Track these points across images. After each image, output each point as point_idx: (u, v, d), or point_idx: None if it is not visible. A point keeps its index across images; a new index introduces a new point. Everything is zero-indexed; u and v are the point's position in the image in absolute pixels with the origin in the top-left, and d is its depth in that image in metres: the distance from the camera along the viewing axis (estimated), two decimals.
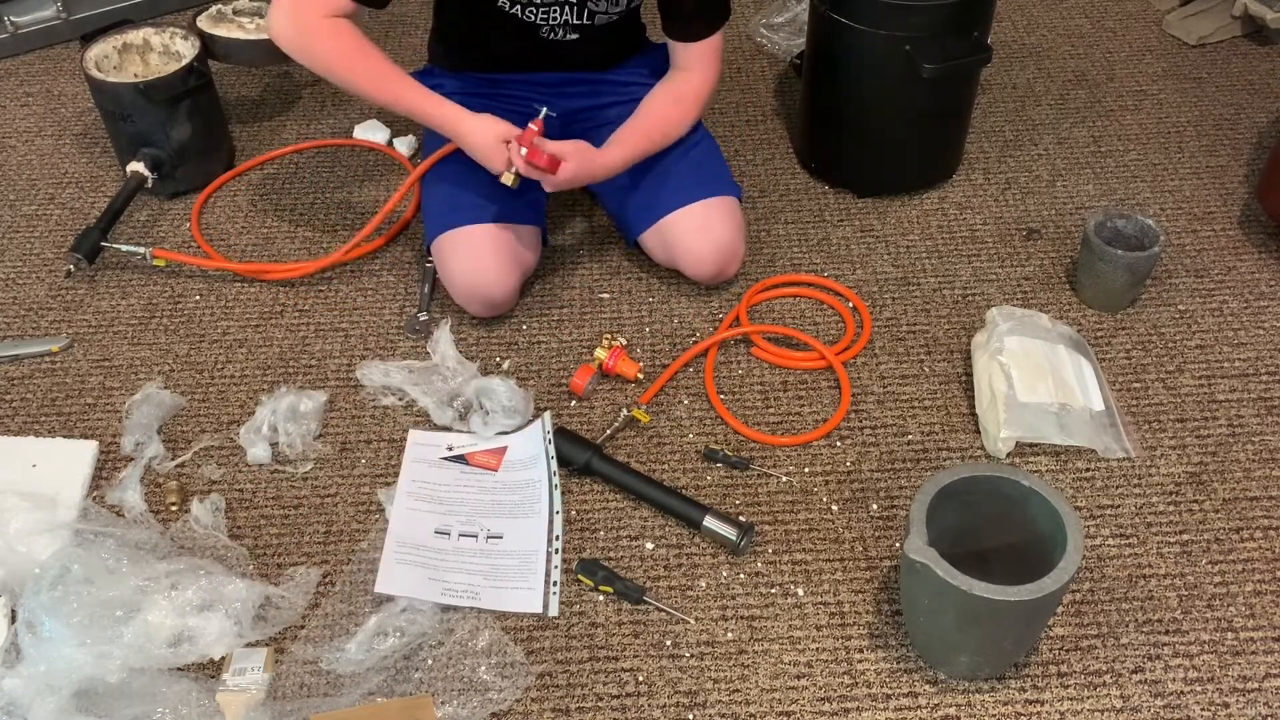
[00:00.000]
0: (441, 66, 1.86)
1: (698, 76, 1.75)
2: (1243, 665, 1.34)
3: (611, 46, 1.82)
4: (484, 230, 1.69)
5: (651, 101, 1.75)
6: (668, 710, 1.31)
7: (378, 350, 1.74)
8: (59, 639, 1.26)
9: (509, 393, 1.60)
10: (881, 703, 1.31)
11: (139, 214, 1.99)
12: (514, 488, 1.53)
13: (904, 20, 1.77)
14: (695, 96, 1.76)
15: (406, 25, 2.47)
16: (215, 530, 1.47)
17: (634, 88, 1.80)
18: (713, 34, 1.71)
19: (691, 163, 1.78)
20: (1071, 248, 1.89)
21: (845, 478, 1.55)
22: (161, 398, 1.64)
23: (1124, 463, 1.56)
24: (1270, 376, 1.67)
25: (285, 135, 2.18)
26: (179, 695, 1.28)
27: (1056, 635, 1.37)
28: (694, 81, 1.75)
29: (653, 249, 1.81)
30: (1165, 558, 1.45)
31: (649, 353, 1.73)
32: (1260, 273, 1.84)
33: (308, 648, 1.36)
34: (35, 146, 2.16)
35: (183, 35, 2.02)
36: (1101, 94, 2.24)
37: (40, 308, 1.83)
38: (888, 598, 1.41)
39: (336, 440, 1.61)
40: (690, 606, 1.41)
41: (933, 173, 2.03)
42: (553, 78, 1.82)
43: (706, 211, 1.74)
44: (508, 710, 1.31)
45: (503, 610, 1.40)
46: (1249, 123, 2.15)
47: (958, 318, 1.78)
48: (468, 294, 1.71)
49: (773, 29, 2.38)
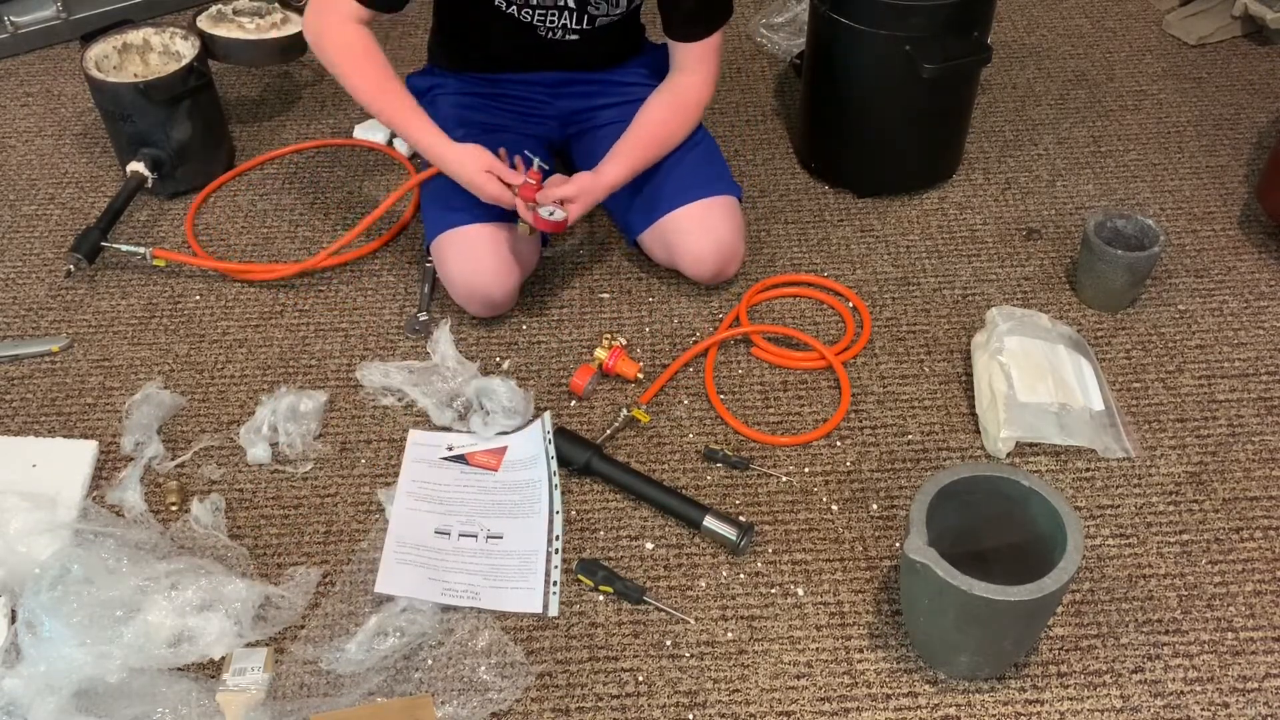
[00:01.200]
0: (441, 66, 1.86)
1: (697, 79, 1.75)
2: (1243, 665, 1.34)
3: (611, 47, 1.82)
4: (483, 230, 1.69)
5: (649, 110, 1.74)
6: (668, 710, 1.31)
7: (378, 350, 1.74)
8: (59, 639, 1.26)
9: (509, 393, 1.60)
10: (881, 703, 1.31)
11: (139, 214, 1.99)
12: (514, 488, 1.53)
13: (904, 20, 1.77)
14: (694, 103, 1.76)
15: (407, 25, 2.47)
16: (215, 530, 1.47)
17: (634, 88, 1.80)
18: (712, 34, 1.71)
19: (692, 162, 1.78)
20: (1071, 248, 1.89)
21: (845, 478, 1.55)
22: (161, 398, 1.64)
23: (1124, 463, 1.56)
24: (1270, 376, 1.67)
25: (285, 135, 2.18)
26: (179, 695, 1.28)
27: (1056, 635, 1.37)
28: (693, 86, 1.75)
29: (653, 248, 1.81)
30: (1165, 558, 1.45)
31: (649, 353, 1.73)
32: (1260, 273, 1.84)
33: (308, 648, 1.36)
34: (35, 146, 2.16)
35: (183, 35, 2.02)
36: (1101, 94, 2.24)
37: (40, 308, 1.83)
38: (888, 598, 1.41)
39: (336, 440, 1.61)
40: (690, 606, 1.41)
41: (933, 173, 2.03)
42: (551, 77, 1.82)
43: (707, 211, 1.74)
44: (508, 710, 1.31)
45: (503, 610, 1.40)
46: (1249, 123, 2.15)
47: (958, 318, 1.78)
48: (467, 293, 1.71)
49: (773, 29, 2.38)
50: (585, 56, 1.79)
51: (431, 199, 1.77)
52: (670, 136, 1.75)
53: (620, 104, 1.79)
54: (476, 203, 1.69)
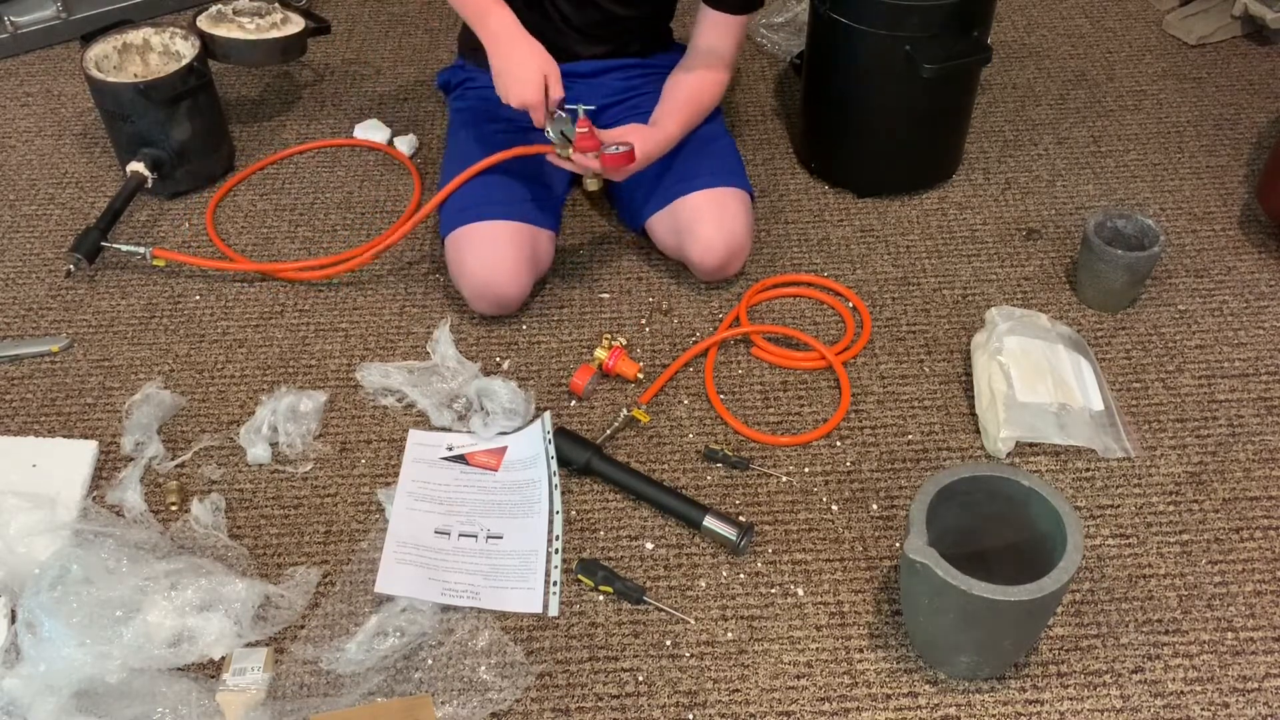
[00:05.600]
0: (471, 60, 1.86)
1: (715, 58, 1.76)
2: (1243, 665, 1.34)
3: (641, 41, 1.83)
4: (505, 226, 1.68)
5: (680, 79, 1.76)
6: (668, 710, 1.31)
7: (378, 350, 1.74)
8: (59, 639, 1.26)
9: (509, 394, 1.60)
10: (881, 703, 1.31)
11: (139, 214, 1.99)
12: (514, 488, 1.53)
13: (904, 20, 1.77)
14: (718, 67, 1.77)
15: (407, 25, 2.47)
16: (215, 530, 1.47)
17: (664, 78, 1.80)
18: (744, 13, 1.73)
19: (711, 153, 1.78)
20: (1071, 248, 1.89)
21: (845, 478, 1.55)
22: (161, 398, 1.64)
23: (1124, 463, 1.56)
24: (1270, 376, 1.67)
25: (285, 135, 2.18)
26: (179, 695, 1.28)
27: (1056, 635, 1.37)
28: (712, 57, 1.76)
29: (661, 234, 1.80)
30: (1165, 558, 1.45)
31: (649, 353, 1.73)
32: (1260, 273, 1.84)
33: (308, 648, 1.36)
34: (35, 146, 2.16)
35: (183, 35, 2.02)
36: (1101, 94, 2.24)
37: (40, 308, 1.83)
38: (888, 598, 1.41)
39: (336, 440, 1.61)
40: (690, 606, 1.41)
41: (933, 173, 2.03)
42: (582, 67, 1.82)
43: (722, 200, 1.73)
44: (508, 710, 1.31)
45: (503, 610, 1.40)
46: (1249, 123, 2.15)
47: (958, 318, 1.78)
48: (479, 290, 1.70)
49: (773, 29, 2.38)
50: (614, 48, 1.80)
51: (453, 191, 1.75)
52: (708, 94, 1.77)
53: (650, 94, 1.80)
54: (501, 199, 1.68)
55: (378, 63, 2.37)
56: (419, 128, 2.17)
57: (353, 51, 2.40)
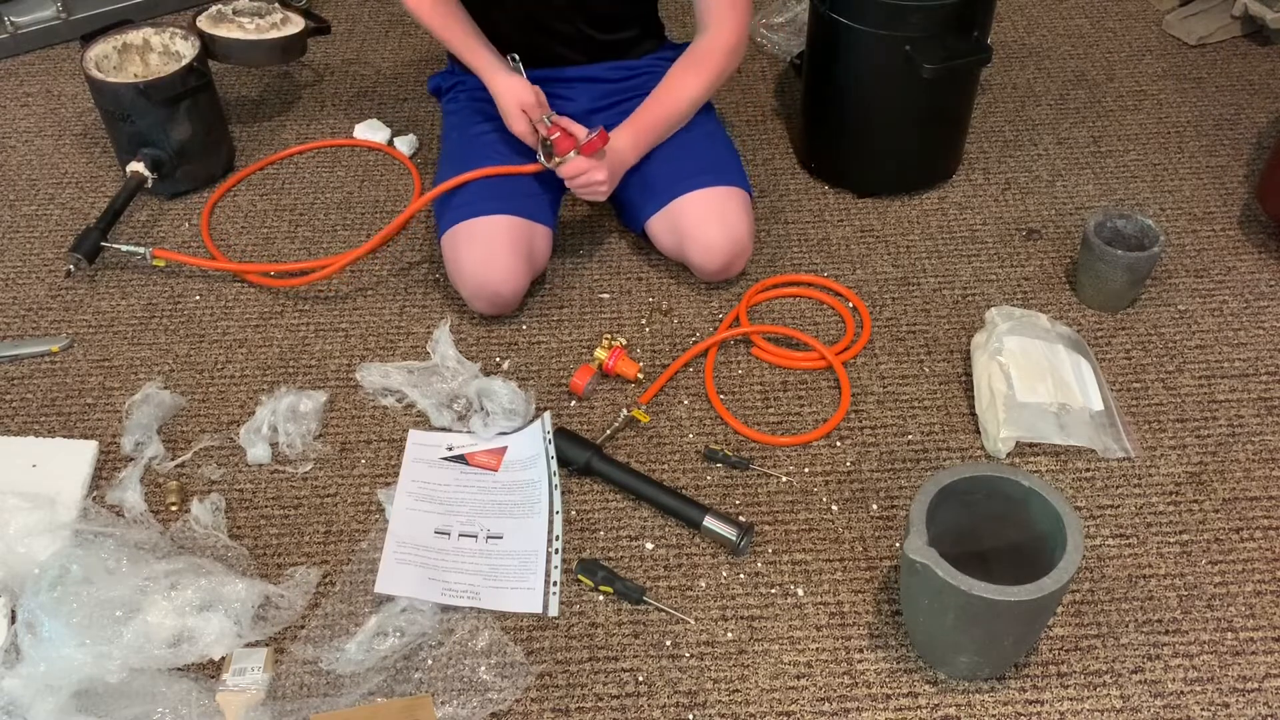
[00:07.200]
0: (460, 65, 1.87)
1: (721, 35, 1.74)
2: (1243, 665, 1.34)
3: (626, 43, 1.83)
4: (501, 222, 1.68)
5: (668, 77, 1.76)
6: (668, 710, 1.31)
7: (378, 350, 1.74)
8: (59, 639, 1.26)
9: (509, 394, 1.60)
10: (881, 703, 1.31)
11: (139, 214, 1.99)
12: (514, 488, 1.53)
13: (904, 20, 1.77)
14: (717, 58, 1.74)
15: (407, 25, 2.47)
16: (215, 530, 1.47)
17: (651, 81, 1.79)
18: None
19: (711, 152, 1.78)
20: (1071, 248, 1.89)
21: (845, 478, 1.55)
22: (161, 398, 1.64)
23: (1124, 463, 1.56)
24: (1270, 376, 1.67)
25: (285, 135, 2.18)
26: (179, 695, 1.28)
27: (1056, 635, 1.37)
28: (716, 41, 1.74)
29: (661, 235, 1.79)
30: (1165, 558, 1.45)
31: (649, 353, 1.73)
32: (1260, 273, 1.84)
33: (308, 648, 1.36)
34: (35, 146, 2.16)
35: (183, 35, 2.02)
36: (1101, 94, 2.24)
37: (40, 308, 1.83)
38: (888, 598, 1.41)
39: (336, 440, 1.61)
40: (690, 606, 1.41)
41: (933, 173, 2.03)
42: (569, 72, 1.82)
43: (723, 200, 1.73)
44: (507, 710, 1.31)
45: (503, 610, 1.40)
46: (1249, 123, 2.15)
47: (958, 318, 1.78)
48: (476, 288, 1.70)
49: (773, 29, 2.38)
50: (598, 52, 1.80)
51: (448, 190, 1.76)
52: (686, 100, 1.75)
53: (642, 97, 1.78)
54: (497, 196, 1.68)
55: (378, 63, 2.37)
56: (419, 128, 2.17)
57: (353, 51, 2.40)
